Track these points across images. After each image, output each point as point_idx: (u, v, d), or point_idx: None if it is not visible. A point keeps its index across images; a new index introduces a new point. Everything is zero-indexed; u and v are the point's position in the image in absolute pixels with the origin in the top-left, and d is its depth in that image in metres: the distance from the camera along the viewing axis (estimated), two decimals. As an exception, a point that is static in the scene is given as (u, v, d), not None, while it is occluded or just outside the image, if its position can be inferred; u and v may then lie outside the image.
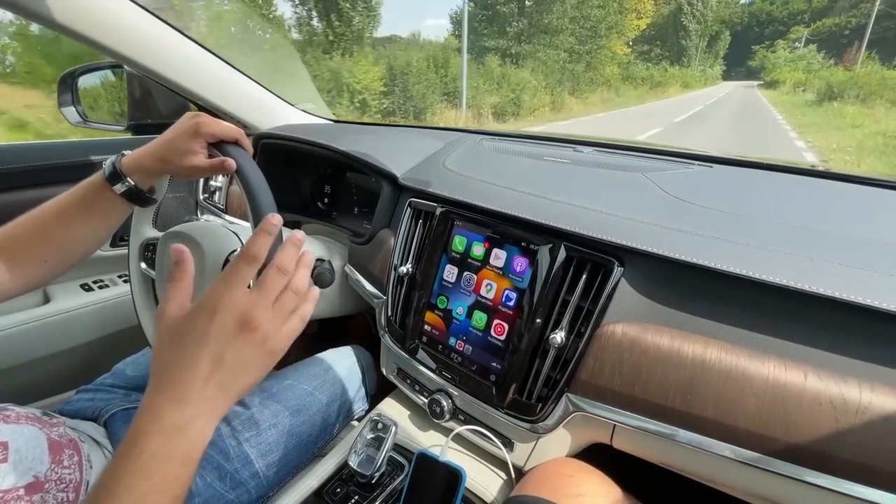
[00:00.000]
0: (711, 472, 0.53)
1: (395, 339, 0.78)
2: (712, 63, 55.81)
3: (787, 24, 70.14)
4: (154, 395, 0.38)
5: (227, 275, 0.40)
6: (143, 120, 1.21)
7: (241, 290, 0.40)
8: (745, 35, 76.07)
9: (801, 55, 50.38)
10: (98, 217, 0.61)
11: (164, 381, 0.38)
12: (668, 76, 36.41)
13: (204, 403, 0.38)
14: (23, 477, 0.47)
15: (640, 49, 45.72)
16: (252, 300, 0.40)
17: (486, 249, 0.68)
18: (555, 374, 0.59)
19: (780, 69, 42.92)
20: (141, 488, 0.34)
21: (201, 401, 0.38)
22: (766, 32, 73.25)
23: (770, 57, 54.41)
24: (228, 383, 0.39)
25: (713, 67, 57.09)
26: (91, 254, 0.65)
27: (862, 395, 0.42)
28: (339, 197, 1.15)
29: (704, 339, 0.51)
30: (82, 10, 0.80)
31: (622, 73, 28.11)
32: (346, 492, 0.64)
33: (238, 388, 0.40)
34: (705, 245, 0.52)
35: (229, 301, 0.39)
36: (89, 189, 0.60)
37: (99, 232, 0.63)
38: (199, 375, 0.38)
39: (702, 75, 47.83)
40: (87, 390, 0.79)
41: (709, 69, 51.44)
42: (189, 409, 0.37)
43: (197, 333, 0.38)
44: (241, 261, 0.41)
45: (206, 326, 0.38)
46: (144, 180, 0.62)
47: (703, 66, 49.64)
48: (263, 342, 0.40)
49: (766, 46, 64.23)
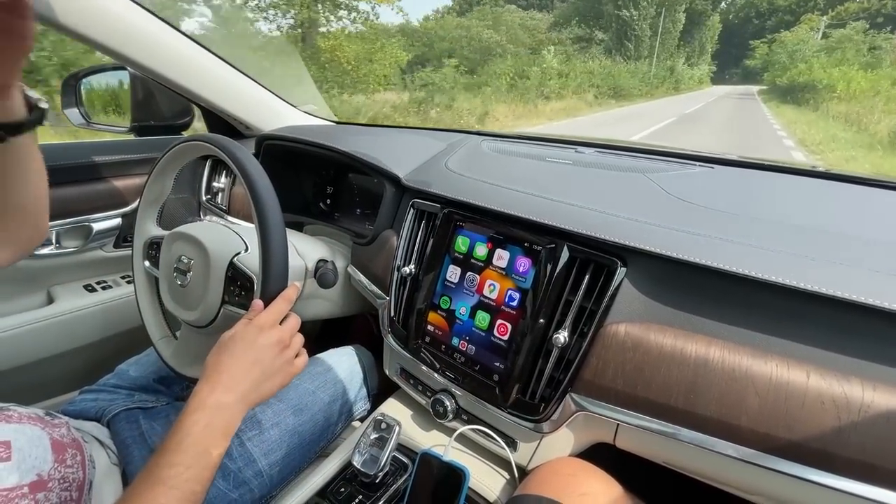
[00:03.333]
0: (714, 471, 0.53)
1: (399, 339, 0.78)
2: (689, 59, 43.96)
3: (794, 12, 57.96)
4: (209, 381, 0.51)
5: (273, 307, 0.58)
6: (146, 121, 1.22)
7: (279, 320, 0.58)
8: (742, 29, 64.46)
9: (846, 36, 30.11)
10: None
11: (222, 371, 0.51)
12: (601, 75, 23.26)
13: (243, 394, 0.51)
14: (27, 475, 0.47)
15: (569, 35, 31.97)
16: (283, 330, 0.57)
17: (489, 250, 0.68)
18: (558, 373, 0.60)
19: (803, 65, 25.17)
20: (202, 445, 0.46)
21: (243, 392, 0.51)
22: (767, 25, 61.32)
23: (780, 48, 37.13)
24: (261, 382, 0.53)
25: (695, 67, 45.62)
26: (30, 205, 0.59)
27: (864, 393, 0.43)
28: (342, 198, 1.16)
29: (707, 339, 0.51)
30: (86, 11, 0.80)
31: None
32: (350, 491, 0.65)
33: (266, 389, 0.54)
34: (707, 245, 0.53)
35: (273, 325, 0.56)
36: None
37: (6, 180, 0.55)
38: (243, 371, 0.52)
39: (664, 77, 34.10)
40: (91, 391, 0.79)
41: (680, 67, 37.59)
42: (233, 394, 0.50)
43: (248, 341, 0.54)
44: (283, 300, 0.59)
45: (255, 338, 0.54)
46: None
47: (669, 62, 36.99)
48: (290, 359, 0.57)
49: (767, 41, 50.34)
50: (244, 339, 0.54)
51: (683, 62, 40.95)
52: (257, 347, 0.54)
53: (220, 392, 0.50)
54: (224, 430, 0.49)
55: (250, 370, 0.52)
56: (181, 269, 0.74)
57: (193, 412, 0.48)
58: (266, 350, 0.54)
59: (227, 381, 0.51)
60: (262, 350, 0.54)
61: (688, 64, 44.66)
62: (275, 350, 0.55)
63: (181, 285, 0.74)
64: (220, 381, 0.51)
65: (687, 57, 45.18)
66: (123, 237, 1.17)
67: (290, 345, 0.57)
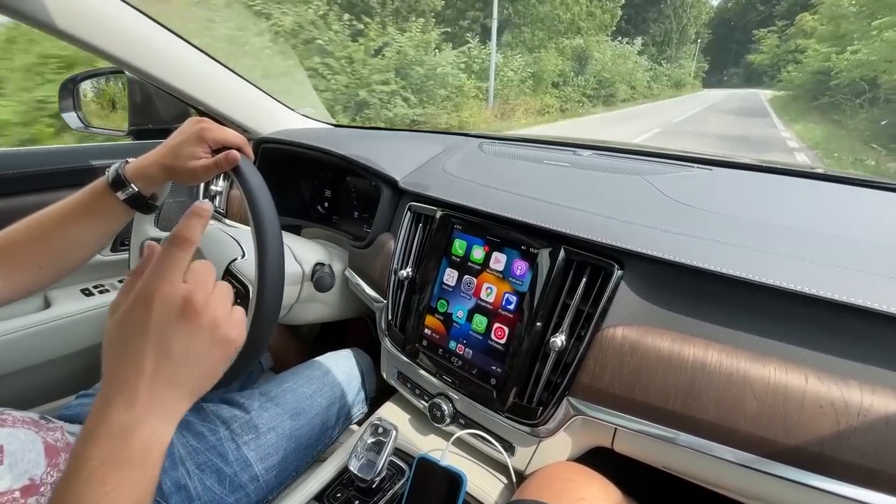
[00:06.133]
0: (712, 476, 0.53)
1: (396, 342, 0.78)
2: (661, 49, 31.83)
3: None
4: (103, 395, 0.35)
5: (160, 261, 0.37)
6: (144, 125, 1.21)
7: (177, 277, 0.37)
8: (744, 19, 49.83)
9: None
10: (99, 222, 0.62)
11: (112, 380, 0.35)
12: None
13: (155, 402, 0.35)
14: (18, 479, 0.47)
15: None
16: (190, 288, 0.37)
17: (486, 253, 0.68)
18: (555, 377, 0.59)
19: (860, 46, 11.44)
20: (93, 495, 0.32)
21: (152, 399, 0.35)
22: (776, 10, 46.57)
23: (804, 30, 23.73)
24: (181, 379, 0.36)
25: (671, 62, 33.31)
26: (89, 259, 0.65)
27: (863, 397, 0.42)
28: (340, 201, 1.16)
29: (705, 342, 0.51)
30: (83, 15, 0.80)
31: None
32: (347, 496, 0.64)
33: (193, 384, 0.37)
34: (705, 248, 0.52)
35: (166, 289, 0.36)
36: (92, 195, 0.60)
37: (99, 237, 0.63)
38: (146, 372, 0.35)
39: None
40: (88, 395, 0.79)
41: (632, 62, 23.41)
42: (138, 410, 0.34)
43: (137, 327, 0.35)
44: (174, 245, 0.37)
45: (144, 319, 0.35)
46: (147, 187, 0.62)
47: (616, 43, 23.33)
48: (213, 329, 0.37)
49: (777, 30, 38.39)
50: (133, 322, 0.35)
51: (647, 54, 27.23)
52: (155, 327, 0.35)
53: (119, 410, 0.34)
54: (139, 460, 0.34)
55: (158, 367, 0.35)
56: None
57: (86, 444, 0.33)
58: (171, 327, 0.35)
59: (126, 393, 0.34)
60: (165, 329, 0.35)
61: (662, 58, 32.91)
62: (184, 324, 0.36)
63: None
64: (115, 395, 0.34)
65: (657, 44, 32.99)
66: (120, 241, 1.17)
67: (202, 310, 0.36)
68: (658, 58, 34.13)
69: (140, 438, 0.34)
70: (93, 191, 0.60)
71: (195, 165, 0.60)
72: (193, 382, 0.37)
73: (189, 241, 0.38)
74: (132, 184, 0.60)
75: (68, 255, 0.62)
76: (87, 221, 0.61)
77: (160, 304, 0.35)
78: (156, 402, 0.35)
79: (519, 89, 13.89)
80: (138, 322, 0.35)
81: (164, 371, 0.35)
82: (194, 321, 0.36)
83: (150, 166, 0.61)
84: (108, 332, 0.37)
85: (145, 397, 0.34)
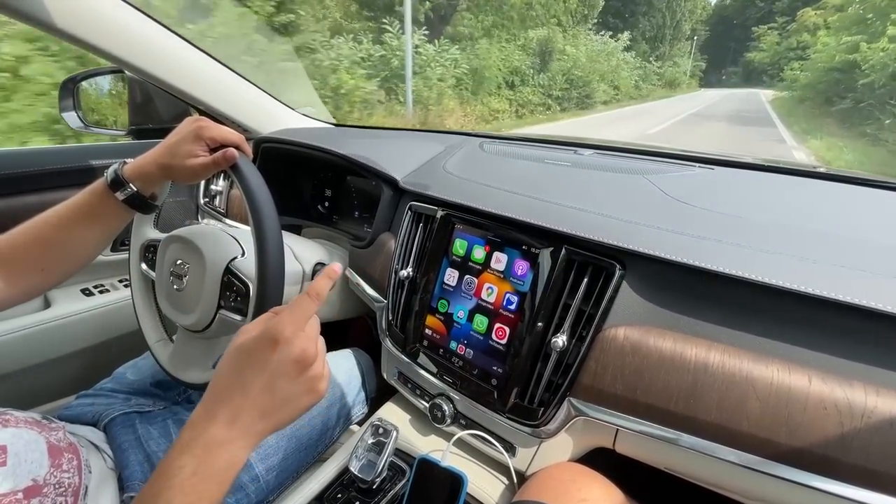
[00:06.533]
0: (715, 477, 0.53)
1: (396, 342, 0.77)
2: (653, 45, 29.57)
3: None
4: (208, 409, 0.40)
5: (294, 309, 0.42)
6: (144, 124, 1.21)
7: (303, 326, 0.42)
8: (742, 15, 46.69)
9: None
10: (99, 224, 0.62)
11: (218, 397, 0.40)
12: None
13: (249, 428, 0.40)
14: (21, 480, 0.46)
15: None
16: (308, 339, 0.42)
17: (487, 253, 0.68)
18: (557, 378, 0.59)
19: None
20: (187, 498, 0.36)
21: (247, 424, 0.40)
22: (776, 6, 43.30)
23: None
24: (274, 413, 0.41)
25: (677, 63, 31.37)
26: (91, 260, 0.65)
27: (867, 398, 0.42)
28: (340, 201, 1.15)
29: (707, 343, 0.50)
30: (82, 14, 0.80)
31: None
32: (347, 497, 0.64)
33: (280, 419, 0.42)
34: (707, 248, 0.52)
35: (293, 335, 0.41)
36: (91, 196, 0.60)
37: (100, 238, 0.63)
38: (250, 399, 0.40)
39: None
40: (88, 395, 0.79)
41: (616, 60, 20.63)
42: (235, 430, 0.39)
43: (258, 361, 0.41)
44: (308, 298, 0.43)
45: (267, 356, 0.41)
46: (146, 187, 0.62)
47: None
48: (314, 380, 0.43)
49: (778, 27, 36.98)
50: (256, 354, 0.41)
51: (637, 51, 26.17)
52: (273, 366, 0.40)
53: (219, 426, 0.39)
54: (220, 477, 0.38)
55: (261, 397, 0.40)
56: (177, 272, 0.73)
57: (181, 453, 0.38)
58: (284, 370, 0.41)
59: (229, 412, 0.39)
60: (280, 370, 0.41)
61: (653, 56, 30.81)
62: (295, 370, 0.41)
63: (177, 289, 0.74)
64: (220, 411, 0.39)
65: (649, 41, 30.52)
66: (120, 241, 1.17)
67: (315, 360, 0.42)
68: (650, 55, 31.70)
69: (228, 456, 0.38)
70: (92, 192, 0.60)
71: (193, 164, 0.60)
72: (281, 418, 0.42)
73: (320, 297, 0.44)
74: (131, 184, 0.60)
75: (70, 257, 0.62)
76: (87, 223, 0.61)
77: (284, 345, 0.41)
78: (249, 427, 0.40)
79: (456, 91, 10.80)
80: (261, 353, 0.41)
81: (265, 403, 0.40)
82: (304, 370, 0.42)
83: (147, 166, 0.61)
84: (230, 355, 0.42)
85: (245, 420, 0.39)
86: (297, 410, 0.42)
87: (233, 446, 0.39)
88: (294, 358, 0.41)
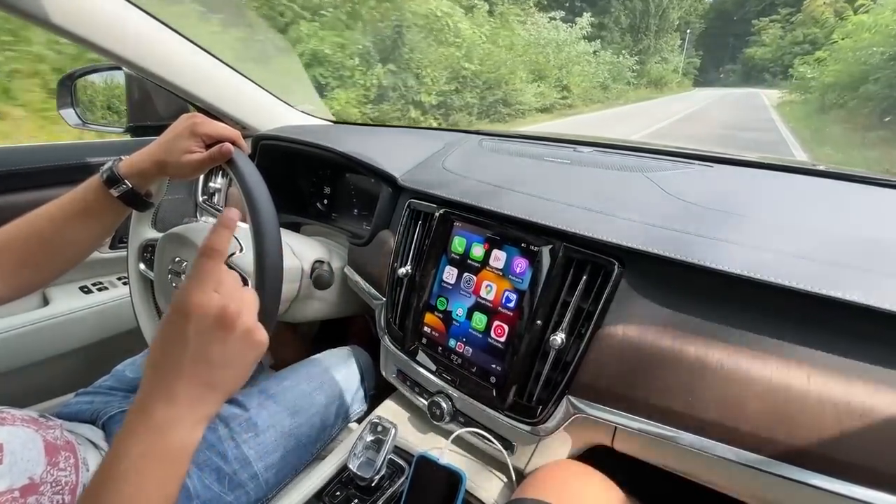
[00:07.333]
0: (713, 475, 0.53)
1: (395, 340, 0.77)
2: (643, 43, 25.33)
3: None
4: (144, 394, 0.38)
5: (195, 274, 0.40)
6: (142, 122, 1.21)
7: (211, 288, 0.40)
8: (741, 9, 42.30)
9: None
10: (95, 220, 0.61)
11: (154, 382, 0.39)
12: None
13: (193, 402, 0.38)
14: (18, 479, 0.46)
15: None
16: (223, 298, 0.40)
17: (485, 251, 0.67)
18: (555, 375, 0.59)
19: None
20: (129, 489, 0.35)
21: (190, 400, 0.38)
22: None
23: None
24: (217, 381, 0.40)
25: (666, 59, 27.25)
26: (86, 257, 0.65)
27: (866, 396, 0.42)
28: (339, 198, 1.15)
29: (706, 341, 0.50)
30: (80, 11, 0.80)
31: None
32: (346, 495, 0.64)
33: (227, 386, 0.41)
34: (706, 245, 0.52)
35: (202, 302, 0.39)
36: (87, 192, 0.60)
37: (95, 235, 0.63)
38: (184, 375, 0.38)
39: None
40: (86, 393, 0.79)
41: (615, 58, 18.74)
42: (177, 408, 0.38)
43: (178, 337, 0.39)
44: (205, 257, 0.40)
45: (184, 328, 0.39)
46: (142, 183, 0.62)
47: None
48: (246, 335, 0.41)
49: (780, 19, 33.36)
50: (174, 330, 0.39)
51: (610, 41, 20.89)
52: (194, 337, 0.39)
53: (160, 408, 0.37)
54: (174, 456, 0.37)
55: (195, 370, 0.39)
56: (175, 270, 0.73)
57: (126, 437, 0.36)
58: (209, 336, 0.39)
59: (166, 393, 0.38)
60: (204, 338, 0.39)
61: (636, 49, 25.65)
62: (221, 331, 0.39)
63: (176, 287, 0.73)
64: (157, 394, 0.38)
65: (631, 31, 24.98)
66: (119, 238, 1.17)
67: (239, 315, 0.40)
68: (633, 49, 26.64)
69: (178, 434, 0.37)
70: (87, 188, 0.60)
71: (189, 160, 0.60)
72: (228, 384, 0.41)
73: (219, 252, 0.41)
74: (126, 180, 0.60)
75: (65, 254, 0.62)
76: (82, 219, 0.60)
77: (197, 315, 0.39)
78: (194, 402, 0.39)
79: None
80: (177, 331, 0.39)
81: (202, 374, 0.39)
82: (229, 329, 0.40)
83: (143, 162, 0.61)
84: (154, 340, 0.40)
85: (185, 397, 0.38)
86: (243, 368, 0.41)
87: (182, 425, 0.38)
88: (212, 323, 0.39)
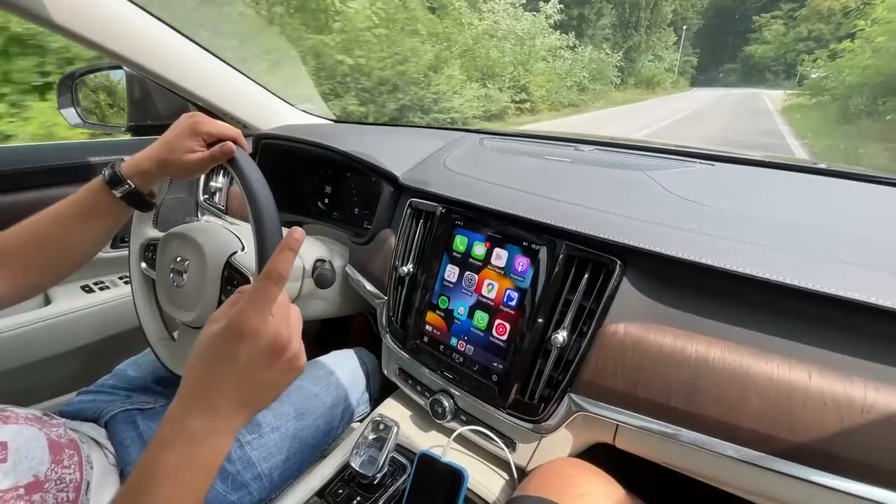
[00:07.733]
0: (715, 472, 0.53)
1: (397, 339, 0.77)
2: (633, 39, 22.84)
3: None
4: (183, 404, 0.40)
5: (256, 297, 0.40)
6: (143, 121, 1.21)
7: (269, 311, 0.41)
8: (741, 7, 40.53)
9: None
10: (98, 221, 0.62)
11: (195, 393, 0.40)
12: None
13: (230, 416, 0.40)
14: (23, 476, 0.47)
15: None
16: (278, 323, 0.41)
17: (487, 249, 0.68)
18: (557, 373, 0.59)
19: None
20: (165, 494, 0.37)
21: (228, 413, 0.40)
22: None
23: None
24: (255, 399, 0.41)
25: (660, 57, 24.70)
26: (90, 259, 0.65)
27: (867, 394, 0.42)
28: (340, 197, 1.15)
29: (707, 339, 0.50)
30: (81, 10, 0.80)
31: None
32: (349, 493, 0.64)
33: (262, 404, 0.42)
34: (708, 244, 0.52)
35: (259, 326, 0.40)
36: (89, 193, 0.60)
37: (99, 236, 0.63)
38: (224, 391, 0.40)
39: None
40: (88, 392, 0.79)
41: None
42: (216, 421, 0.39)
43: (227, 354, 0.40)
44: (268, 280, 0.41)
45: (236, 349, 0.39)
46: (144, 184, 0.62)
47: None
48: (291, 360, 0.42)
49: (783, 16, 31.90)
50: (224, 347, 0.40)
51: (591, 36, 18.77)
52: (244, 359, 0.40)
53: (198, 420, 0.38)
54: (207, 466, 0.39)
55: (236, 388, 0.40)
56: (177, 269, 0.73)
57: (162, 448, 0.38)
58: (257, 361, 0.40)
59: (205, 405, 0.39)
60: (252, 362, 0.40)
61: (625, 46, 23.34)
62: (269, 357, 0.40)
63: (178, 286, 0.73)
64: (196, 405, 0.39)
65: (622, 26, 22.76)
66: (121, 237, 1.17)
67: (289, 342, 0.42)
68: (622, 45, 24.36)
69: (212, 446, 0.39)
70: (90, 189, 0.60)
71: (190, 159, 0.60)
72: (263, 402, 0.42)
73: (282, 277, 0.41)
74: (128, 181, 0.60)
75: (69, 256, 0.62)
76: (85, 221, 0.61)
77: (251, 337, 0.39)
78: (231, 416, 0.40)
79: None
80: (229, 347, 0.40)
81: (242, 392, 0.40)
82: (278, 355, 0.41)
83: (144, 162, 0.61)
84: (201, 345, 0.41)
85: (224, 411, 0.39)
86: (278, 392, 0.43)
87: (215, 436, 0.39)
88: (264, 347, 0.40)
